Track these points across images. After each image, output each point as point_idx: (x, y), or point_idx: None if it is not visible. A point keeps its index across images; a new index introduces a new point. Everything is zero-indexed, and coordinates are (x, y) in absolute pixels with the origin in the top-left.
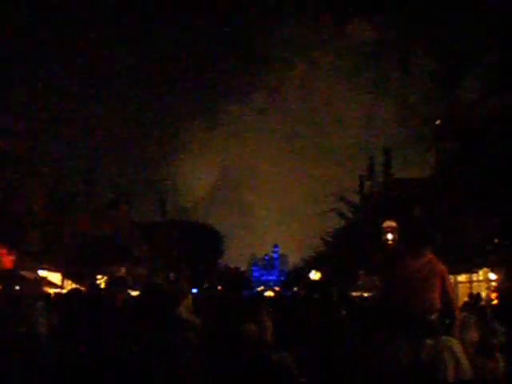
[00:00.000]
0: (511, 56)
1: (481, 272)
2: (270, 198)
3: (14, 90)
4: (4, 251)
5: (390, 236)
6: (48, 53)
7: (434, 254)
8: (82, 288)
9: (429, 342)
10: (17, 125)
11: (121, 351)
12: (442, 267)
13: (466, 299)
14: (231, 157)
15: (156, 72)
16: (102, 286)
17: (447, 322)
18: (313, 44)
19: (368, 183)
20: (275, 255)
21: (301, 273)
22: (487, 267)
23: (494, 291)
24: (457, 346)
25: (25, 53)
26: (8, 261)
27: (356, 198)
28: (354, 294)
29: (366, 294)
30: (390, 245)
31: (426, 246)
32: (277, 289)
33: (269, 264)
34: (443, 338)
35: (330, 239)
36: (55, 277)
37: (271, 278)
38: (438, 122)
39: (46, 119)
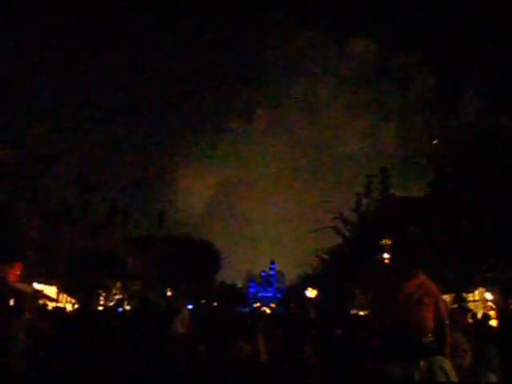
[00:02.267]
0: (510, 77)
1: (477, 292)
2: (267, 214)
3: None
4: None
5: (386, 254)
6: (50, 71)
7: (426, 274)
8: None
9: (422, 362)
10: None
11: (115, 362)
12: (435, 289)
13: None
14: (230, 174)
15: (158, 89)
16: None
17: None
18: (315, 63)
19: (365, 201)
20: (272, 272)
21: (297, 290)
22: (483, 287)
23: (490, 310)
24: (448, 366)
25: (26, 68)
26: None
27: (353, 216)
28: (351, 312)
29: (361, 313)
30: (386, 263)
31: (418, 266)
32: (273, 305)
33: (265, 281)
34: (435, 358)
35: (326, 256)
36: (51, 290)
37: (268, 294)
38: (434, 141)
39: (47, 134)
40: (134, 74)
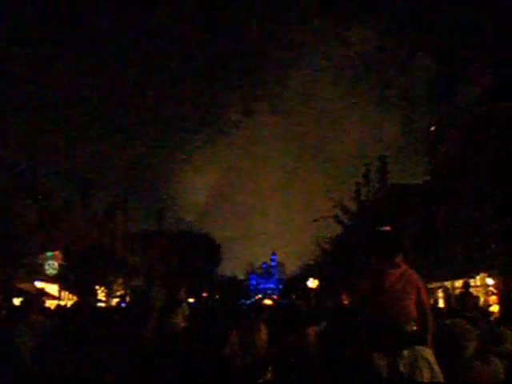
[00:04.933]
0: (509, 65)
1: (478, 277)
2: (267, 206)
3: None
4: None
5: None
6: (49, 65)
7: (407, 263)
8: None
9: (405, 352)
10: (14, 132)
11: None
12: (417, 278)
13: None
14: (230, 166)
15: (157, 82)
16: (101, 297)
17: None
18: (314, 53)
19: (364, 189)
20: (273, 263)
21: (298, 280)
22: (484, 272)
23: (491, 295)
24: (431, 356)
25: (25, 63)
26: None
27: (353, 205)
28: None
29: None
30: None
31: (397, 256)
32: (275, 297)
33: (266, 272)
34: (418, 347)
35: (326, 246)
36: (52, 288)
37: (269, 286)
38: (432, 128)
39: (45, 128)
40: (133, 67)
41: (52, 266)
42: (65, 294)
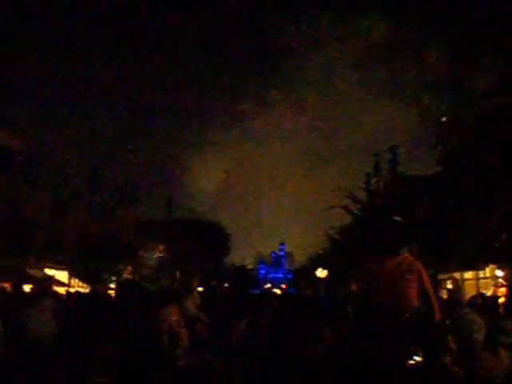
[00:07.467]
0: None
1: (487, 269)
2: (277, 196)
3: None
4: None
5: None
6: (58, 58)
7: (412, 253)
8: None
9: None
10: (23, 123)
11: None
12: (418, 265)
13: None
14: (242, 157)
15: (169, 73)
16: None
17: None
18: (328, 43)
19: (374, 180)
20: (282, 253)
21: (307, 270)
22: (494, 264)
23: (501, 287)
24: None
25: (34, 57)
26: None
27: (363, 195)
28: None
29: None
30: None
31: (402, 248)
32: (284, 286)
33: (275, 262)
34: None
35: (335, 236)
36: (62, 275)
37: (278, 275)
38: (443, 118)
39: (52, 117)
40: (144, 57)
41: (153, 256)
42: (74, 281)
